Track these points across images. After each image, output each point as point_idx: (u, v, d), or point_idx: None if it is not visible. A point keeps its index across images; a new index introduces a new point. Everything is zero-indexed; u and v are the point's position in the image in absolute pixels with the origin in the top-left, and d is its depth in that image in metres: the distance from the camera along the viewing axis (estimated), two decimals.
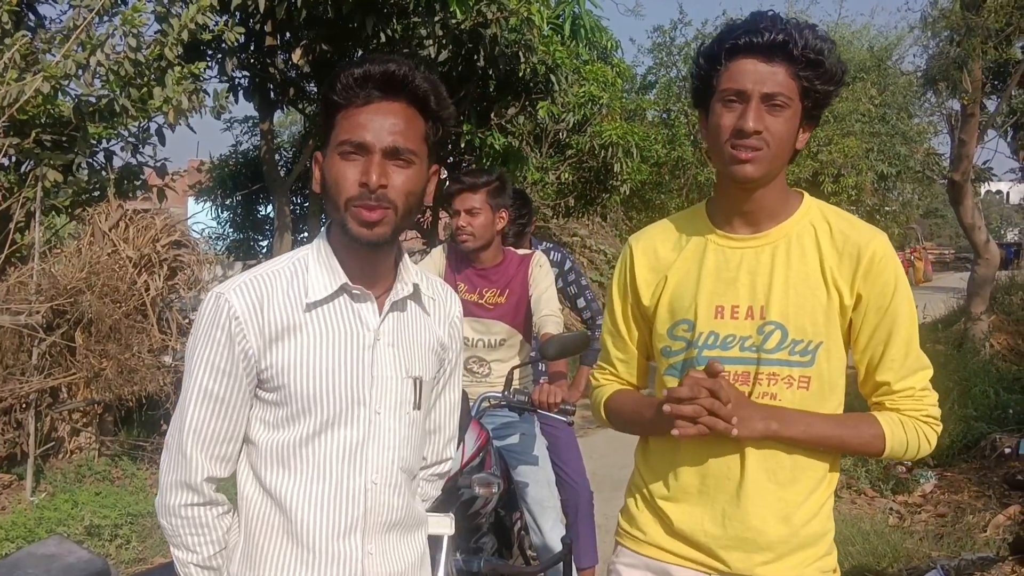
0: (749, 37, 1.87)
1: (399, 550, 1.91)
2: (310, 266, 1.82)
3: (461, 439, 3.40)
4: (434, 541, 3.18)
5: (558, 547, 3.72)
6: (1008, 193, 52.79)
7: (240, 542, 1.83)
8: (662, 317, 2.08)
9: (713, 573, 2.00)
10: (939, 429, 2.01)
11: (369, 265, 1.83)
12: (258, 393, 1.79)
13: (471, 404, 3.73)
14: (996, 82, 12.18)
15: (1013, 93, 11.72)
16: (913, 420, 1.97)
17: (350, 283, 1.81)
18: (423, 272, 2.01)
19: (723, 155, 1.93)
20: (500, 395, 3.70)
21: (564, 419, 3.59)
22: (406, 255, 1.92)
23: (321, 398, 1.77)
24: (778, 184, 1.99)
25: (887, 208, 27.97)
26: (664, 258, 2.12)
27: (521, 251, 4.12)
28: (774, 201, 2.00)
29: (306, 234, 10.99)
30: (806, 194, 2.07)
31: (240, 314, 1.73)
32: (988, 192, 44.26)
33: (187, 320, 7.05)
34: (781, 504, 1.96)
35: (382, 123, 1.72)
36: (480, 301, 3.99)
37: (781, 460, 1.95)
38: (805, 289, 1.94)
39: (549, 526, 3.86)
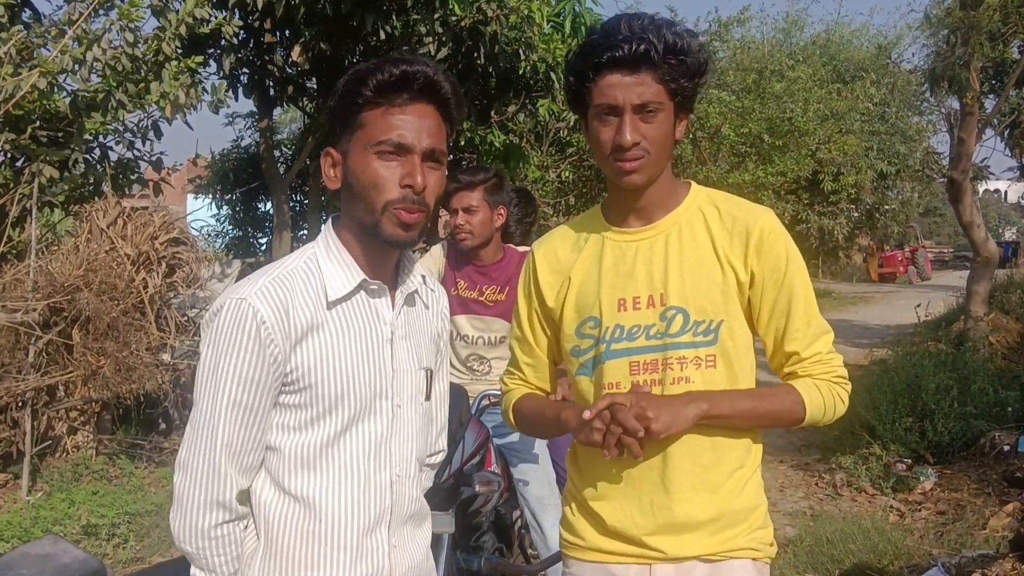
0: (611, 52, 1.90)
1: (415, 541, 1.94)
2: (322, 264, 1.80)
3: (461, 437, 3.39)
4: (435, 539, 3.16)
5: (558, 545, 3.70)
6: (1006, 192, 52.87)
7: (260, 548, 1.79)
8: (568, 318, 2.11)
9: (651, 563, 2.03)
10: (849, 388, 2.06)
11: (382, 260, 1.83)
12: (280, 399, 1.75)
13: (471, 402, 3.72)
14: (994, 81, 12.18)
15: (1011, 92, 11.70)
16: (826, 382, 2.01)
17: (368, 279, 1.80)
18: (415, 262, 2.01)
19: (609, 167, 1.99)
20: (500, 393, 3.69)
21: None
22: (411, 252, 1.94)
23: (347, 394, 1.76)
24: (664, 177, 2.05)
25: (886, 206, 28.02)
26: (565, 260, 2.16)
27: (521, 248, 4.11)
28: (663, 193, 2.06)
29: (305, 231, 10.98)
30: (693, 183, 2.13)
31: (267, 318, 1.69)
32: (986, 191, 44.31)
33: (185, 318, 7.02)
34: (706, 485, 1.99)
35: (420, 125, 1.73)
36: (480, 298, 3.97)
37: (702, 442, 1.98)
38: (700, 271, 1.99)
39: (549, 524, 3.84)
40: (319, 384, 1.74)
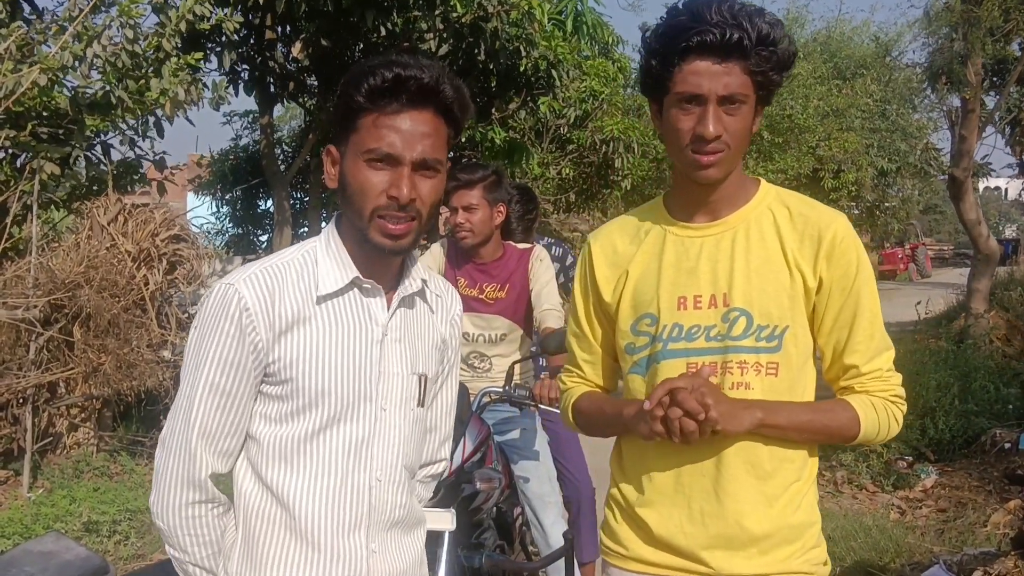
0: (701, 37, 1.79)
1: (401, 548, 1.89)
2: (319, 259, 1.79)
3: (461, 434, 3.39)
4: (435, 537, 3.16)
5: (559, 542, 3.70)
6: (1006, 189, 52.85)
7: (239, 540, 1.79)
8: (624, 313, 2.03)
9: None
10: (904, 409, 1.98)
11: (380, 261, 1.80)
12: (263, 388, 1.74)
13: (472, 399, 3.71)
14: (995, 79, 12.17)
15: (1012, 90, 11.70)
16: (883, 401, 1.94)
17: (361, 277, 1.78)
18: (428, 269, 1.97)
19: (684, 159, 1.89)
20: (501, 390, 3.69)
21: None
22: (415, 251, 1.89)
23: (329, 392, 1.74)
24: (736, 172, 1.95)
25: (887, 204, 28.03)
26: (623, 253, 2.07)
27: (521, 246, 4.10)
28: (732, 189, 1.96)
29: (306, 229, 10.97)
30: (763, 180, 2.04)
31: (251, 305, 1.68)
32: (987, 188, 44.29)
33: (186, 315, 7.02)
34: (762, 497, 1.90)
35: (412, 133, 1.68)
36: (480, 296, 3.97)
37: (759, 451, 1.90)
38: (767, 273, 1.90)
39: (550, 521, 3.84)
40: (301, 377, 1.72)
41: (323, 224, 1.74)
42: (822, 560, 1.98)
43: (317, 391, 1.73)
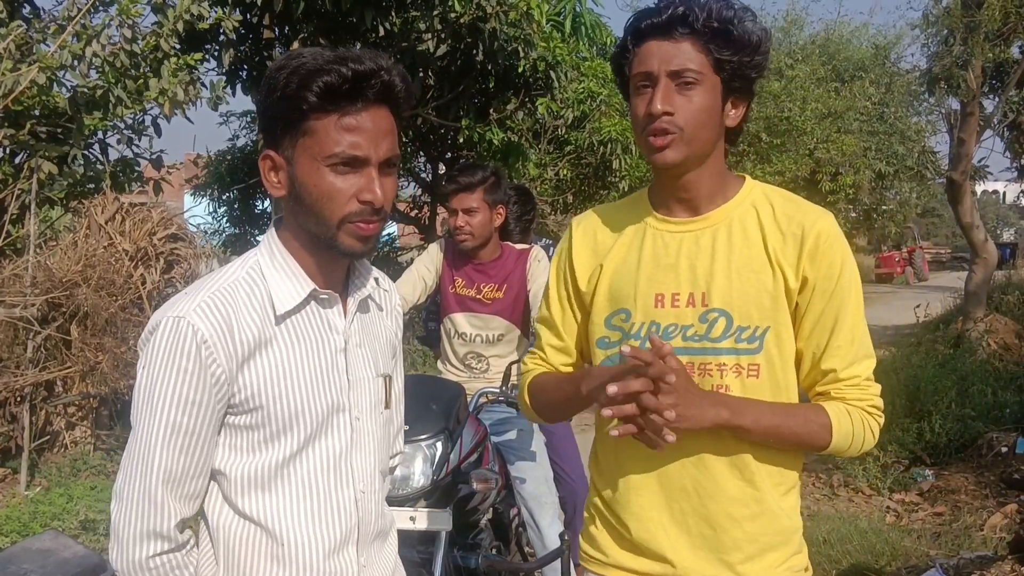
0: (650, 19, 1.80)
1: (383, 557, 1.85)
2: (266, 273, 1.66)
3: (459, 434, 3.39)
4: (432, 537, 3.18)
5: (556, 543, 3.71)
6: (1004, 193, 52.86)
7: (219, 573, 1.68)
8: (600, 306, 1.96)
9: None
10: (882, 421, 1.89)
11: (332, 268, 1.71)
12: (228, 420, 1.62)
13: (469, 399, 3.72)
14: (994, 82, 12.19)
15: (1011, 93, 11.72)
16: (859, 410, 1.85)
17: (319, 288, 1.68)
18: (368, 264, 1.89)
19: (643, 145, 1.85)
20: (498, 390, 3.69)
21: None
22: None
23: (302, 412, 1.64)
24: (713, 166, 1.89)
25: (884, 207, 28.04)
26: (603, 243, 2.00)
27: (519, 246, 4.11)
28: (711, 184, 1.90)
29: None
30: (748, 177, 1.98)
31: (208, 338, 1.55)
32: (984, 192, 44.30)
33: None
34: (746, 499, 1.85)
35: (375, 133, 1.58)
36: (478, 296, 3.97)
37: (742, 450, 1.84)
38: (749, 273, 1.83)
39: (547, 522, 3.84)
40: (270, 404, 1.62)
41: None
42: (804, 566, 1.94)
43: (290, 414, 1.63)
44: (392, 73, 1.60)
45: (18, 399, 6.05)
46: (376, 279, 1.84)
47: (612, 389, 1.70)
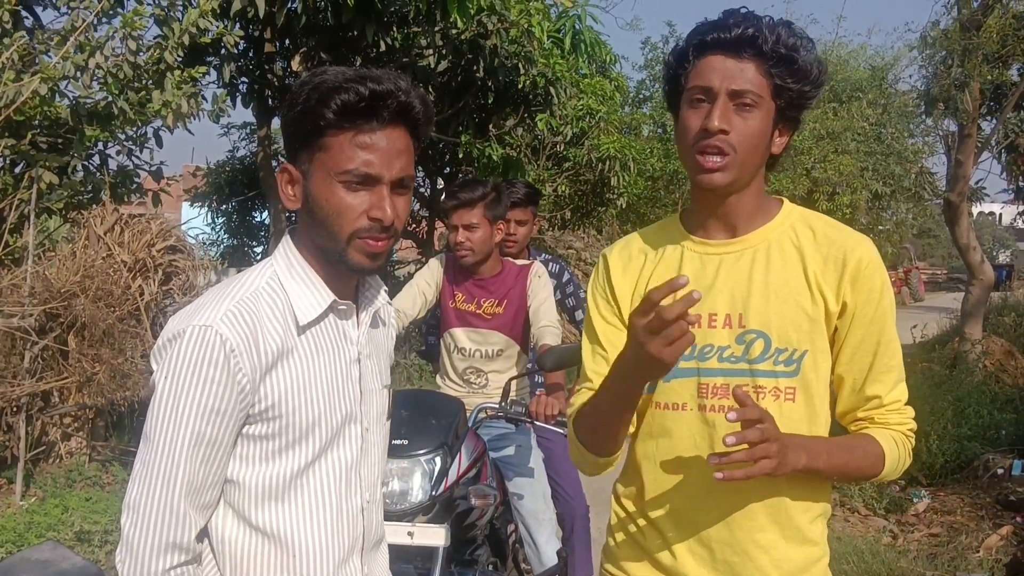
0: (717, 33, 1.78)
1: (379, 565, 1.88)
2: (286, 284, 1.68)
3: (457, 449, 3.39)
4: (429, 553, 3.17)
5: (553, 560, 3.70)
6: (1000, 214, 52.98)
7: None
8: None
9: None
10: (914, 442, 1.93)
11: (345, 280, 1.74)
12: (245, 430, 1.63)
13: (468, 415, 3.72)
14: (992, 103, 12.23)
15: (1009, 115, 11.77)
16: (902, 435, 1.88)
17: (338, 300, 1.71)
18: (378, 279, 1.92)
19: (690, 162, 1.83)
20: (497, 406, 3.69)
21: (561, 431, 3.57)
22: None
23: (319, 422, 1.67)
24: (754, 189, 1.89)
25: (881, 227, 28.09)
26: (640, 266, 2.00)
27: (520, 262, 4.12)
28: (751, 206, 1.90)
29: None
30: (786, 200, 1.98)
31: (236, 347, 1.55)
32: (981, 213, 44.40)
33: None
34: (773, 526, 1.84)
35: (388, 152, 1.61)
36: (478, 311, 3.98)
37: (776, 480, 1.78)
38: (787, 295, 1.83)
39: (544, 539, 3.83)
40: (290, 414, 1.63)
41: None
42: None
43: (308, 423, 1.65)
44: (411, 95, 1.62)
45: (14, 409, 6.03)
46: (385, 290, 1.88)
47: (731, 440, 1.61)
